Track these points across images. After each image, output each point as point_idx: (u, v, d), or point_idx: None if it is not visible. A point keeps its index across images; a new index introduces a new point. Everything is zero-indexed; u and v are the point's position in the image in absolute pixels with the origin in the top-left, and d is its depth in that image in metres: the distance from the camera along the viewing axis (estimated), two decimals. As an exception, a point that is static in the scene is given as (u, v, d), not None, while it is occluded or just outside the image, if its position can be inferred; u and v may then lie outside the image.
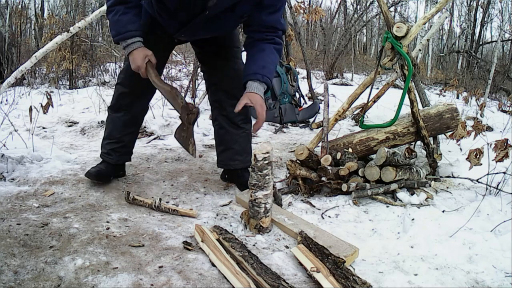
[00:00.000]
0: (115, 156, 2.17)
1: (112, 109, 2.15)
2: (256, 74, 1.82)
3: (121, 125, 2.14)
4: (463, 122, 2.56)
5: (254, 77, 1.82)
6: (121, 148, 2.18)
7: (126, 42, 1.80)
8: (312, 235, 1.65)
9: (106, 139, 2.18)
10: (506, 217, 1.84)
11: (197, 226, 1.63)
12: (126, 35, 1.79)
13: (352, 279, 1.35)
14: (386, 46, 2.47)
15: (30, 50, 6.15)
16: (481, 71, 9.54)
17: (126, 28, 1.79)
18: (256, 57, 1.86)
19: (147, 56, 1.83)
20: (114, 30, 1.82)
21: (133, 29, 1.80)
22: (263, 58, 1.85)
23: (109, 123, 2.18)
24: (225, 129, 2.16)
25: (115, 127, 2.15)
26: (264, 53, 1.85)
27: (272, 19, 1.84)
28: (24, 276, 1.29)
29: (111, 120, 2.17)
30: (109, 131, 2.17)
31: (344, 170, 2.19)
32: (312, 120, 4.15)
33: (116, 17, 1.78)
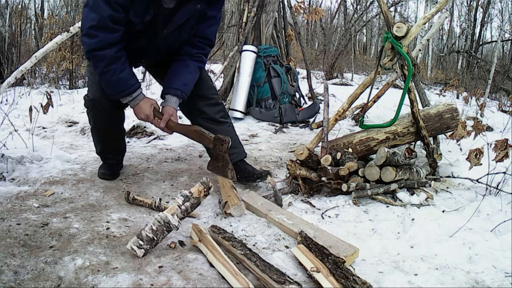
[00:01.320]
0: (117, 158, 2.32)
1: (95, 128, 2.19)
2: (177, 90, 1.97)
3: (110, 137, 2.23)
4: (463, 122, 2.56)
5: (175, 93, 1.97)
6: (118, 151, 2.33)
7: (131, 97, 1.86)
8: (312, 235, 1.65)
9: (102, 152, 2.27)
10: (506, 217, 1.84)
11: (194, 225, 1.63)
12: (131, 90, 1.85)
13: (352, 279, 1.35)
14: (386, 46, 2.47)
15: (30, 50, 6.15)
16: (481, 71, 9.54)
17: (129, 84, 1.84)
18: (180, 72, 1.99)
19: (152, 105, 1.92)
20: (116, 89, 1.84)
21: (134, 82, 1.86)
22: (186, 75, 1.99)
23: (97, 140, 2.25)
24: (212, 129, 2.16)
25: (106, 140, 2.23)
26: (187, 69, 2.00)
27: (211, 31, 2.01)
28: (24, 276, 1.29)
29: (98, 138, 2.23)
30: (103, 146, 2.25)
31: (344, 170, 2.19)
32: (312, 120, 4.15)
33: (115, 77, 1.79)
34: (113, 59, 1.76)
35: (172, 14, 1.84)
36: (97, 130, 2.18)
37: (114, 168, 2.28)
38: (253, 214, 1.95)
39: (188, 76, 2.00)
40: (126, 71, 1.82)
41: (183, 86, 1.98)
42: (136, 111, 1.91)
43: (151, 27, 1.85)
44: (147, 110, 1.89)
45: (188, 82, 2.00)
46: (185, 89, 1.99)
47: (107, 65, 1.76)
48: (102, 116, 2.07)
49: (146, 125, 3.39)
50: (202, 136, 1.92)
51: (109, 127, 2.15)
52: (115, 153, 2.29)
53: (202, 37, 1.99)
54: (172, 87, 1.98)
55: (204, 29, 1.97)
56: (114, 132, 2.21)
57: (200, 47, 2.01)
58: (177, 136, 3.35)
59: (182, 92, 1.98)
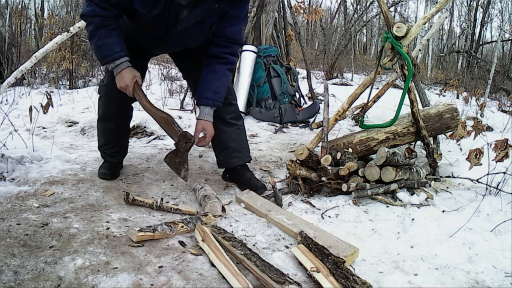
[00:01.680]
0: (117, 156, 2.30)
1: (103, 120, 2.20)
2: (208, 100, 1.96)
3: (116, 133, 2.24)
4: (463, 122, 2.56)
5: (206, 103, 1.97)
6: (120, 148, 2.32)
7: (114, 64, 1.84)
8: (312, 235, 1.65)
9: (104, 146, 2.27)
10: (506, 217, 1.84)
11: (198, 225, 1.63)
12: (114, 56, 1.82)
13: (352, 279, 1.35)
14: (386, 46, 2.47)
15: (30, 50, 6.15)
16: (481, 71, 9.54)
17: (112, 50, 1.82)
18: (209, 80, 1.97)
19: (135, 77, 1.87)
20: (100, 54, 1.85)
21: (119, 49, 1.83)
22: (215, 82, 1.97)
23: (102, 132, 2.26)
24: (219, 129, 2.16)
25: (109, 135, 2.24)
26: (215, 75, 1.97)
27: (234, 30, 1.95)
28: (24, 276, 1.29)
29: (103, 130, 2.24)
30: (106, 139, 2.25)
31: (344, 170, 2.19)
32: (312, 120, 4.15)
33: (100, 42, 1.80)
34: (100, 25, 1.79)
35: (187, 11, 1.81)
36: (105, 119, 2.18)
37: (114, 168, 2.27)
38: (253, 214, 1.95)
39: (217, 83, 1.97)
40: (112, 37, 1.81)
41: (214, 95, 1.96)
42: (117, 79, 1.88)
43: (161, 21, 1.82)
44: (127, 80, 1.85)
45: (218, 89, 1.97)
46: (216, 97, 1.97)
47: (94, 30, 1.80)
48: (113, 103, 2.08)
49: (146, 125, 3.39)
50: (170, 126, 1.89)
51: (116, 118, 2.15)
52: (116, 149, 2.27)
53: (225, 36, 1.95)
54: (202, 97, 1.98)
55: (225, 28, 1.93)
56: (120, 125, 2.21)
57: (224, 46, 1.96)
58: (177, 136, 3.37)
59: (214, 100, 1.96)
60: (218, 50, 1.96)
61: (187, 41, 1.99)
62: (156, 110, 1.93)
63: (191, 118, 3.79)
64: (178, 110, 4.10)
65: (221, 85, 1.98)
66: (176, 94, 4.77)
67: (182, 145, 1.88)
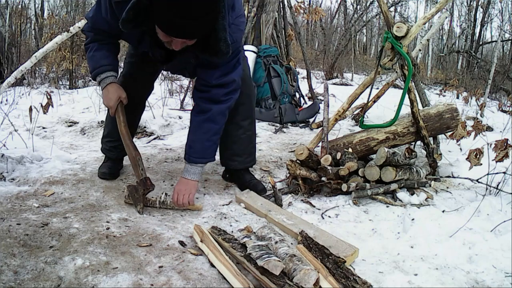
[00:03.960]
0: (116, 152, 2.26)
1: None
2: (185, 155, 1.92)
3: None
4: (463, 122, 2.56)
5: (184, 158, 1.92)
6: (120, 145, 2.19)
7: (100, 77, 1.84)
8: (312, 235, 1.65)
9: (107, 137, 2.26)
10: (506, 217, 1.84)
11: (196, 226, 1.63)
12: (100, 70, 1.83)
13: (353, 279, 1.35)
14: (386, 46, 2.47)
15: (30, 50, 6.15)
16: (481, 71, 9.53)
17: (99, 63, 1.83)
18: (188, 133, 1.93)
19: (120, 98, 1.87)
20: (90, 66, 1.87)
21: (105, 63, 1.84)
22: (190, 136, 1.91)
23: (108, 122, 2.25)
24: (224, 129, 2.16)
25: (114, 127, 2.16)
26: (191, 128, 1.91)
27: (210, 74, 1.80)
28: (24, 276, 1.29)
29: (110, 121, 2.21)
30: (109, 131, 2.24)
31: (344, 170, 2.19)
32: (312, 120, 4.15)
33: (91, 54, 1.84)
34: (93, 39, 1.84)
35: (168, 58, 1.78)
36: None
37: (114, 168, 2.27)
38: (253, 214, 1.95)
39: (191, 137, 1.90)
40: (102, 51, 1.83)
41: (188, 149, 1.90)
42: (103, 94, 1.88)
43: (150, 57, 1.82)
44: (111, 101, 1.85)
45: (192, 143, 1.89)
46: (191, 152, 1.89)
47: (88, 42, 1.86)
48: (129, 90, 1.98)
49: (146, 125, 3.40)
50: (135, 167, 1.88)
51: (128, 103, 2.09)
52: (116, 144, 2.19)
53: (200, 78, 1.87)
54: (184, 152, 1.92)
55: (201, 73, 1.85)
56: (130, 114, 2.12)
57: (201, 90, 1.87)
58: (177, 136, 3.37)
59: (189, 155, 1.88)
60: (196, 94, 1.90)
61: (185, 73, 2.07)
62: (130, 143, 1.91)
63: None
64: (178, 110, 4.10)
65: (194, 139, 1.89)
66: (176, 94, 4.77)
67: (140, 189, 1.84)
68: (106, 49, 1.85)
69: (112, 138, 2.21)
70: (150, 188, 1.85)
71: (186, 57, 1.74)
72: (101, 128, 3.36)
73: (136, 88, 2.02)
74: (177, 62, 1.81)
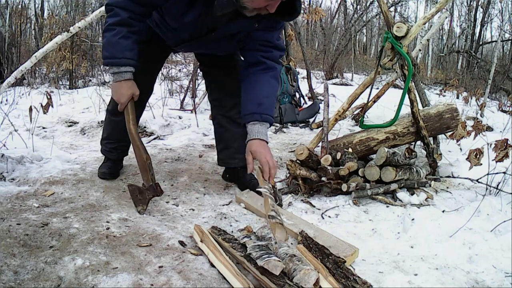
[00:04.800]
0: (116, 153, 2.27)
1: (111, 113, 2.17)
2: (253, 115, 1.76)
3: (120, 128, 2.15)
4: (463, 122, 2.56)
5: (252, 118, 1.76)
6: (121, 146, 2.27)
7: (118, 69, 1.69)
8: (312, 235, 1.65)
9: (106, 139, 2.25)
10: (506, 217, 1.84)
11: (196, 226, 1.63)
12: (122, 61, 1.68)
13: (353, 279, 1.35)
14: (386, 46, 2.47)
15: (30, 50, 6.15)
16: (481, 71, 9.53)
17: (123, 54, 1.67)
18: (250, 93, 1.78)
19: (132, 95, 1.75)
20: (109, 51, 1.67)
21: (129, 57, 1.68)
22: (257, 93, 1.77)
23: (108, 124, 2.24)
24: (224, 127, 2.16)
25: (115, 129, 2.20)
26: (257, 85, 1.77)
27: (271, 35, 1.80)
28: (24, 276, 1.29)
29: (110, 122, 2.21)
30: (109, 133, 2.23)
31: (344, 170, 2.19)
32: (312, 120, 4.15)
33: (115, 38, 1.64)
34: (124, 22, 1.64)
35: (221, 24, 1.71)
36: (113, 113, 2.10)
37: (114, 168, 2.27)
38: (253, 214, 1.95)
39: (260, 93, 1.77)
40: (129, 41, 1.66)
41: (258, 107, 1.75)
42: (115, 88, 1.74)
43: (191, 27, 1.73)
44: (124, 95, 1.73)
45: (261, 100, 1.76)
46: (262, 109, 1.76)
47: (116, 23, 1.64)
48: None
49: (146, 125, 3.40)
50: (145, 171, 1.80)
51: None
52: (116, 146, 2.22)
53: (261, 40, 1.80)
54: (246, 113, 1.78)
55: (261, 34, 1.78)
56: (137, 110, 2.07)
57: (262, 50, 1.80)
58: (177, 136, 3.37)
59: (260, 114, 1.75)
60: (256, 55, 1.80)
61: (212, 49, 1.94)
62: (140, 144, 1.81)
63: (191, 118, 3.80)
64: (178, 110, 4.10)
65: (265, 95, 1.77)
66: (176, 94, 4.78)
67: (148, 194, 1.81)
68: (133, 40, 1.68)
69: (112, 140, 2.22)
70: (160, 195, 1.82)
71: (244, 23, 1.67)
72: (101, 128, 3.36)
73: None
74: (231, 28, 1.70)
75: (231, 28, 1.74)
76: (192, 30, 1.77)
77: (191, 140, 3.21)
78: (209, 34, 1.77)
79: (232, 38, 1.81)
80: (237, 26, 1.72)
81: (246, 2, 1.56)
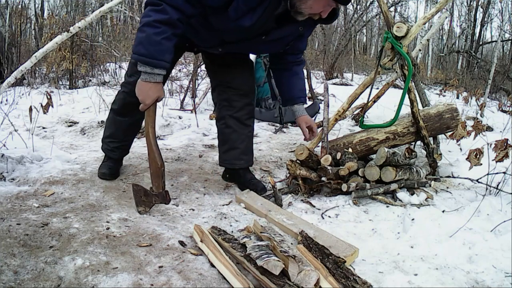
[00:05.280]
0: (118, 152, 2.26)
1: (116, 113, 2.15)
2: (300, 98, 2.19)
3: (125, 128, 2.19)
4: (463, 122, 2.56)
5: (299, 101, 2.20)
6: (124, 146, 2.27)
7: (152, 70, 1.62)
8: (312, 235, 1.65)
9: (109, 138, 2.22)
10: (506, 217, 1.84)
11: (196, 226, 1.63)
12: (160, 63, 1.62)
13: (353, 279, 1.35)
14: (386, 46, 2.47)
15: (30, 50, 6.14)
16: (481, 71, 9.53)
17: (163, 56, 1.61)
18: (294, 81, 2.17)
19: (158, 98, 1.71)
20: (148, 49, 1.58)
21: (168, 60, 1.64)
22: (299, 81, 2.19)
23: (111, 123, 2.21)
24: (231, 128, 2.17)
25: (119, 129, 2.19)
26: (298, 76, 2.18)
27: (304, 44, 2.12)
28: (24, 276, 1.29)
29: (114, 121, 2.19)
30: (112, 132, 2.21)
31: (344, 170, 2.19)
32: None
33: (158, 38, 1.55)
34: (172, 23, 1.57)
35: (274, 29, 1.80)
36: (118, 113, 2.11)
37: (114, 168, 2.26)
38: (253, 214, 1.95)
39: (301, 82, 2.20)
40: (171, 43, 1.61)
41: (301, 92, 2.18)
42: (141, 87, 1.67)
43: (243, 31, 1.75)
44: (150, 97, 1.67)
45: (303, 87, 2.20)
46: (303, 94, 2.20)
47: (162, 22, 1.55)
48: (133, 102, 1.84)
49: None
50: (157, 177, 1.79)
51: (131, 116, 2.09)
52: (119, 145, 2.21)
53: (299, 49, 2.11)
54: (295, 97, 2.19)
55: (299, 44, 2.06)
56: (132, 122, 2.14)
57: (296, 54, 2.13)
58: (177, 136, 3.37)
59: (304, 97, 2.20)
60: (293, 57, 2.12)
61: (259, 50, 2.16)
62: (157, 149, 1.78)
63: (191, 118, 3.79)
64: (178, 110, 4.10)
65: (303, 83, 2.22)
66: (176, 94, 4.77)
67: (156, 199, 1.81)
68: (174, 43, 1.62)
69: (115, 139, 2.20)
70: (168, 203, 1.83)
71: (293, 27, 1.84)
72: (101, 128, 3.35)
73: None
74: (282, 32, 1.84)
75: (282, 32, 1.84)
76: (244, 33, 1.77)
77: (191, 140, 3.21)
78: (259, 37, 1.82)
79: (280, 41, 1.92)
80: (288, 30, 1.85)
81: (304, 8, 1.69)
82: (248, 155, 2.23)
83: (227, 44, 1.91)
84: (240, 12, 1.65)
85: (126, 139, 2.24)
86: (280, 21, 1.75)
